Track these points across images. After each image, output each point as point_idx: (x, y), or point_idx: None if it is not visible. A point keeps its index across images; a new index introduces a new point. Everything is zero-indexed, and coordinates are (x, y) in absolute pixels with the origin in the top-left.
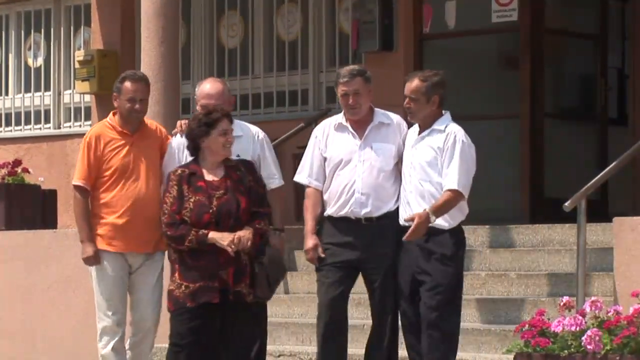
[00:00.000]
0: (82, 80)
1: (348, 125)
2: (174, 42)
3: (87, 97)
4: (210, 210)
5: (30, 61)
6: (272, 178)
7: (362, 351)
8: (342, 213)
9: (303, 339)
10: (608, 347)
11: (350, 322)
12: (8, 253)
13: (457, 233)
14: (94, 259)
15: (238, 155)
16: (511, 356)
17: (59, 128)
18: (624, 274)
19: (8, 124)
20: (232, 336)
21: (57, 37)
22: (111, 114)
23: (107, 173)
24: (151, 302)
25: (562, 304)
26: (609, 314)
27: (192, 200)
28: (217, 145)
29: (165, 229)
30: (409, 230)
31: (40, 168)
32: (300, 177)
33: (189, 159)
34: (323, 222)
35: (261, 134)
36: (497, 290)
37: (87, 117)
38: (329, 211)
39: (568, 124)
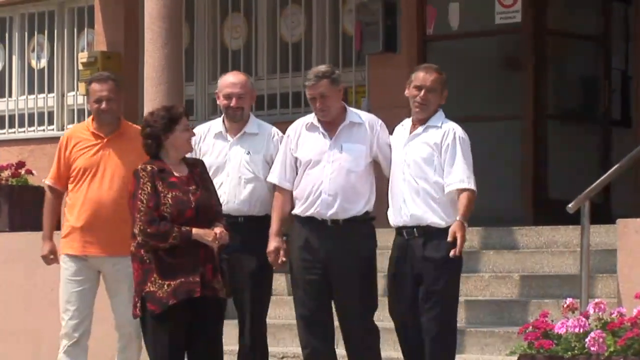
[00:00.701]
0: (87, 82)
1: (319, 125)
2: (178, 44)
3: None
4: (192, 206)
5: (34, 63)
6: None
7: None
8: (309, 213)
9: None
10: (612, 349)
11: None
12: (11, 255)
13: None
14: (49, 259)
15: (248, 153)
16: (515, 358)
17: (63, 130)
18: (628, 275)
19: (12, 125)
20: (204, 332)
21: (60, 39)
22: (90, 116)
23: (73, 173)
24: (129, 307)
25: (565, 305)
26: (613, 316)
27: (169, 196)
28: (181, 142)
29: (144, 226)
30: (458, 246)
31: (43, 170)
32: (272, 177)
33: (201, 145)
34: (294, 222)
35: (278, 134)
36: (501, 292)
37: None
38: (297, 210)
39: (571, 125)
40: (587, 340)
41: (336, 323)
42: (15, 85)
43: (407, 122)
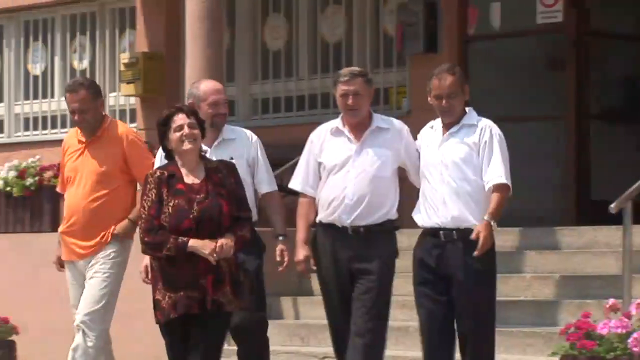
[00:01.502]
0: (128, 83)
1: (345, 129)
2: (219, 45)
3: (132, 100)
4: (191, 216)
5: (75, 64)
6: (264, 182)
7: (407, 353)
8: (331, 219)
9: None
10: None
11: (394, 323)
12: (55, 255)
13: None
14: (57, 264)
15: (231, 158)
16: (557, 358)
17: None
18: None
19: (54, 126)
20: (201, 343)
21: (102, 40)
22: None
23: (65, 180)
24: (83, 297)
25: (608, 306)
26: None
27: (171, 204)
28: (176, 143)
29: (142, 235)
30: (479, 246)
31: None
32: (294, 183)
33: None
34: (316, 229)
35: (254, 137)
36: (543, 293)
37: (133, 119)
38: (320, 216)
39: (613, 125)
40: (629, 340)
41: (404, 324)
42: (57, 86)
43: (437, 124)
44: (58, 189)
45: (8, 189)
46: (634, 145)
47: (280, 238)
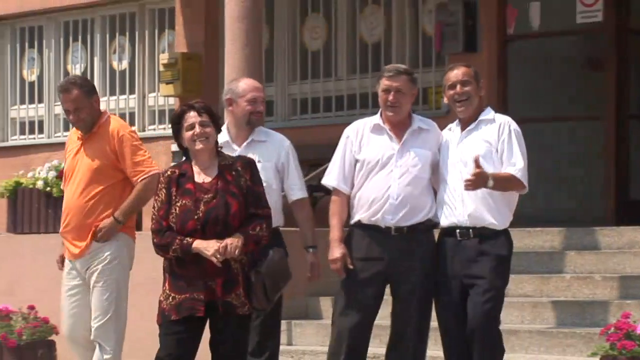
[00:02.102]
0: (167, 83)
1: (386, 127)
2: (258, 45)
3: (172, 100)
4: (196, 217)
5: (115, 64)
6: (295, 189)
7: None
8: (373, 220)
9: (380, 340)
10: None
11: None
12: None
13: (508, 235)
14: (59, 263)
15: (259, 161)
16: (596, 359)
17: (144, 130)
18: None
19: None
20: (221, 347)
21: (141, 40)
22: None
23: (65, 178)
24: (94, 307)
25: None
26: None
27: (178, 204)
28: (187, 142)
29: (152, 235)
30: (471, 175)
31: None
32: (329, 179)
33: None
34: (351, 229)
35: (287, 142)
36: (582, 293)
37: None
38: (359, 217)
39: None
40: None
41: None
42: (97, 86)
43: (454, 125)
44: (63, 187)
45: (48, 189)
46: None
47: (310, 250)
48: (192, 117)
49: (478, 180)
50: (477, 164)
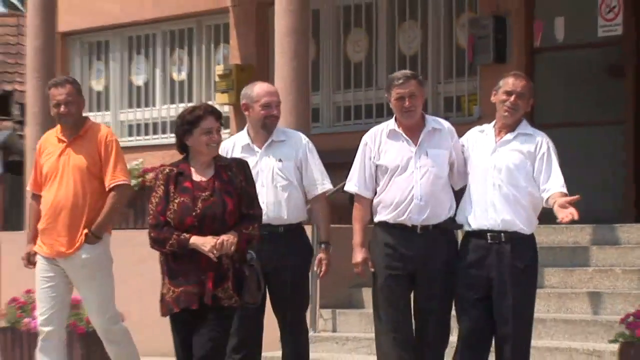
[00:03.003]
0: (222, 92)
1: (401, 131)
2: (305, 57)
3: (226, 108)
4: (194, 213)
5: (175, 75)
6: (314, 184)
7: None
8: (400, 220)
9: None
10: None
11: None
12: (147, 253)
13: (534, 240)
14: (25, 260)
15: (280, 160)
16: (617, 345)
17: None
18: None
19: (155, 132)
20: (202, 338)
21: (199, 53)
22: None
23: (43, 179)
24: (93, 307)
25: None
26: None
27: (176, 201)
28: (200, 145)
29: (149, 230)
30: (569, 214)
31: None
32: (350, 185)
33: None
34: (376, 229)
35: (305, 139)
36: (604, 285)
37: (226, 126)
38: (384, 217)
39: None
40: None
41: None
42: (158, 95)
43: (488, 128)
44: (30, 188)
45: None
46: None
47: (323, 246)
48: (211, 122)
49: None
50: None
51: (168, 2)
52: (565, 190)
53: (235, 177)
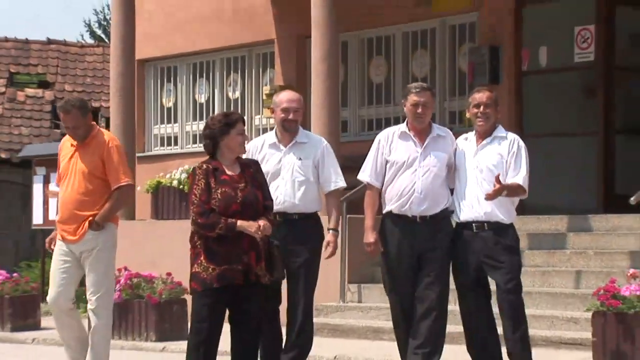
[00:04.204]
0: (268, 108)
1: (411, 134)
2: (335, 79)
3: (272, 120)
4: (238, 200)
5: (230, 94)
6: (330, 182)
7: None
8: (403, 210)
9: None
10: None
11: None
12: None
13: (514, 228)
14: (47, 243)
15: (300, 158)
16: (590, 313)
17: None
18: None
19: None
20: (248, 314)
21: (249, 76)
22: None
23: (60, 177)
24: (89, 282)
25: (629, 274)
26: None
27: (219, 191)
28: (235, 144)
29: (196, 217)
30: (493, 191)
31: None
32: (363, 176)
33: (258, 156)
34: (384, 218)
35: (324, 142)
36: (579, 264)
37: None
38: (390, 207)
39: (634, 138)
40: None
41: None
42: (216, 110)
43: (471, 136)
44: (57, 183)
45: (181, 186)
46: None
47: (331, 232)
48: (242, 126)
49: (497, 194)
50: (498, 181)
51: (224, 34)
52: (521, 182)
53: (257, 173)
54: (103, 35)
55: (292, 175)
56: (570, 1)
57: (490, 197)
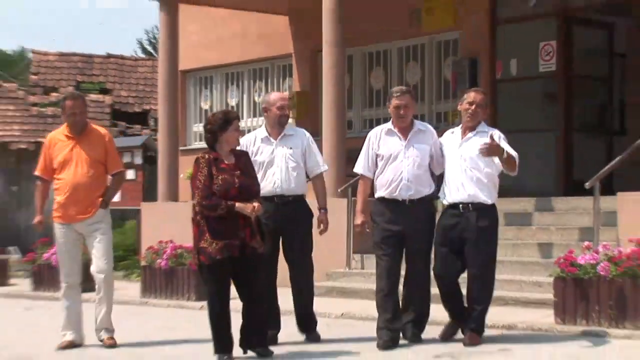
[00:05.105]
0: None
1: (396, 130)
2: (342, 85)
3: (290, 120)
4: (236, 186)
5: (256, 98)
6: (317, 166)
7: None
8: (394, 195)
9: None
10: (614, 274)
11: None
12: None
13: (495, 208)
14: (37, 226)
15: (291, 148)
16: (552, 279)
17: None
18: (624, 227)
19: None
20: (252, 280)
21: (272, 84)
22: (65, 124)
23: (55, 165)
24: (101, 258)
25: (584, 246)
26: (615, 253)
27: (220, 177)
28: (232, 138)
29: (201, 200)
30: (489, 145)
31: None
32: (357, 168)
33: (253, 149)
34: (376, 202)
35: (307, 134)
36: (543, 238)
37: None
38: (381, 194)
39: (589, 135)
40: (598, 267)
41: None
42: (245, 112)
43: (457, 130)
44: (39, 174)
45: None
46: (602, 146)
47: (322, 211)
48: (238, 124)
49: (493, 149)
50: (492, 139)
51: (251, 50)
52: (511, 151)
53: (248, 162)
54: (152, 51)
55: (285, 162)
56: (535, 21)
57: (485, 151)
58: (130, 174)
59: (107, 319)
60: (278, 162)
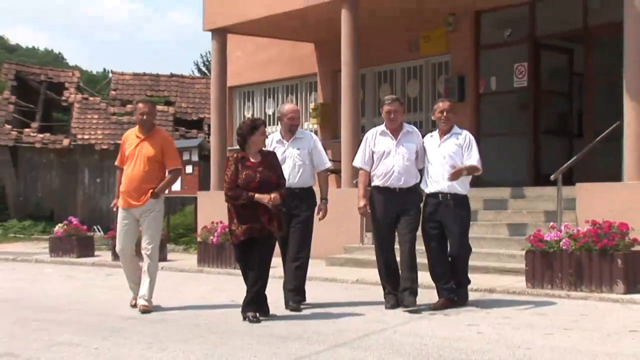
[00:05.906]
0: (313, 118)
1: (388, 132)
2: (357, 98)
3: (316, 126)
4: (256, 180)
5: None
6: (322, 163)
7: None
8: (387, 184)
9: None
10: (573, 247)
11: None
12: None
13: (467, 197)
14: (114, 207)
15: (298, 149)
16: (524, 252)
17: None
18: (582, 211)
19: None
20: (259, 257)
21: (301, 97)
22: (137, 125)
23: (125, 159)
24: (147, 236)
25: (550, 226)
26: (574, 231)
27: (244, 173)
28: (258, 141)
29: (227, 191)
30: (454, 172)
31: None
32: (356, 162)
33: (270, 149)
34: (372, 190)
35: (314, 136)
36: (517, 219)
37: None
38: (377, 183)
39: (553, 137)
40: (561, 243)
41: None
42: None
43: (435, 134)
44: (117, 164)
45: None
46: (564, 146)
47: (323, 200)
48: (264, 129)
49: (456, 174)
50: (453, 168)
51: (284, 70)
52: (475, 163)
53: (273, 159)
54: (206, 71)
55: (293, 161)
56: (510, 47)
57: (452, 177)
58: (188, 169)
59: (147, 288)
60: (288, 161)
